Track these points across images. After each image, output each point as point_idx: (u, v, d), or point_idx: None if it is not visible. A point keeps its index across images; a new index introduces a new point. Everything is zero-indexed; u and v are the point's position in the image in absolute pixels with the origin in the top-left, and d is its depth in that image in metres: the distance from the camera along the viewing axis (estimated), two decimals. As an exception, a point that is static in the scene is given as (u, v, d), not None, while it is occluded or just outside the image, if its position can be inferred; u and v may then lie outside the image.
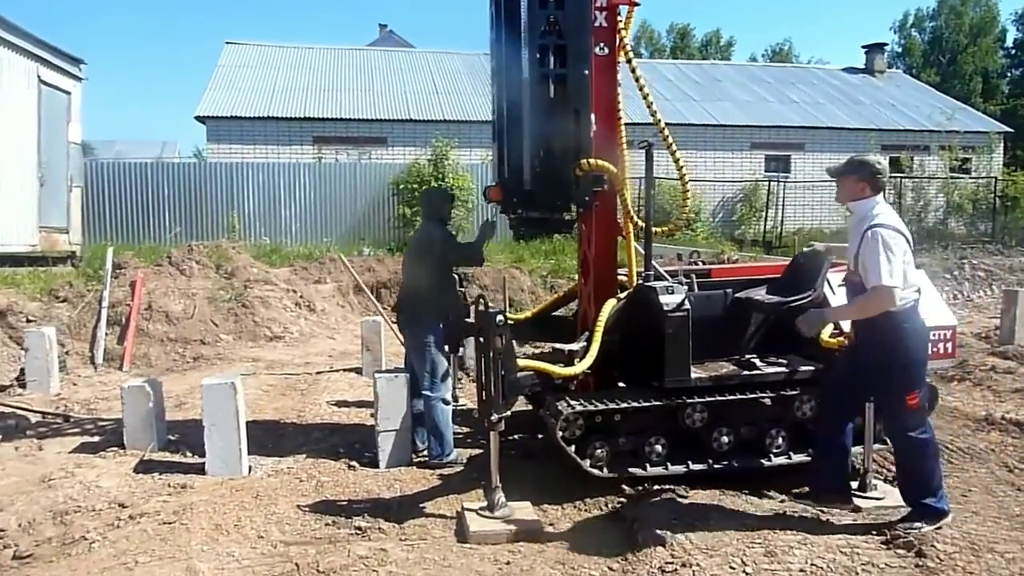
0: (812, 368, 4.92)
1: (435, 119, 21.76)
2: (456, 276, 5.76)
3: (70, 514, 4.60)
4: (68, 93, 13.25)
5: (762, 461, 4.95)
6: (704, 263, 6.95)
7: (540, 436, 5.78)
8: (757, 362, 5.04)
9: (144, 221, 17.69)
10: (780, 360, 5.06)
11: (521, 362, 4.61)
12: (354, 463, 5.35)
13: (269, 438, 6.03)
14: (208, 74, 23.86)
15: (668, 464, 4.83)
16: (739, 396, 4.85)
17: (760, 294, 5.28)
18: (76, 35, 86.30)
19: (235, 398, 5.15)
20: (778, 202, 22.82)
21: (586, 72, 5.01)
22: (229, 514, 4.49)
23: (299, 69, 24.57)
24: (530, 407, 5.88)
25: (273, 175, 18.16)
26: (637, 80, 5.28)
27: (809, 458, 4.91)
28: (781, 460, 4.96)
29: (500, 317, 4.30)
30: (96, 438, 6.10)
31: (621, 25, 5.26)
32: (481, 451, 5.47)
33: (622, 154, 5.33)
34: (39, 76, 12.20)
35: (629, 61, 5.27)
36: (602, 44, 5.21)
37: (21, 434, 6.33)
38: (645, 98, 5.28)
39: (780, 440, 4.97)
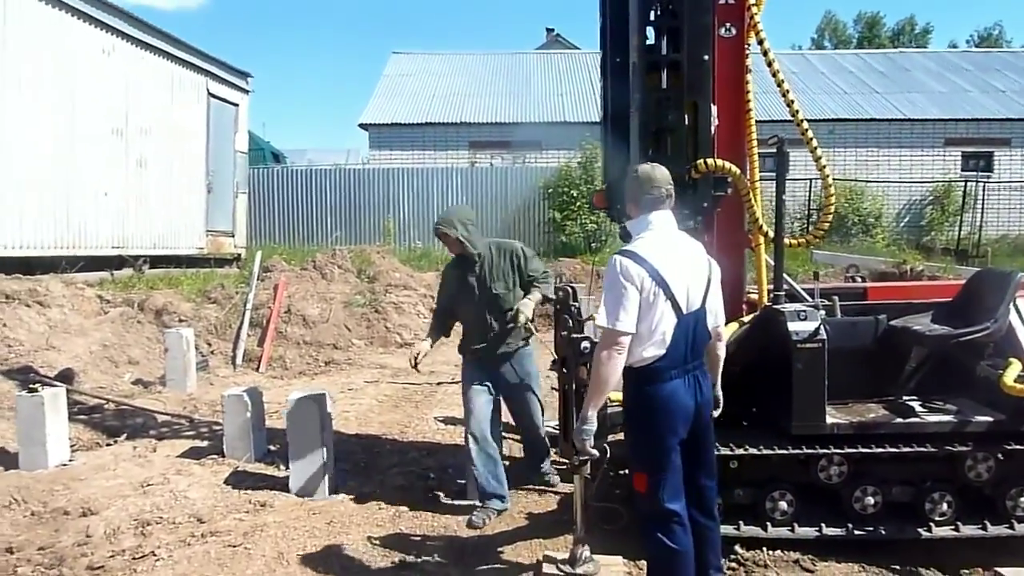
0: (990, 419, 3.90)
1: (590, 121, 21.21)
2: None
3: (151, 525, 4.53)
4: (236, 105, 14.05)
5: (920, 531, 3.99)
6: (863, 279, 5.93)
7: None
8: (917, 407, 4.09)
9: (308, 225, 18.57)
10: (948, 407, 4.07)
11: (614, 395, 3.98)
12: (440, 492, 4.94)
13: (365, 455, 5.78)
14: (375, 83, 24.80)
15: (794, 525, 4.00)
16: (891, 449, 3.93)
17: (923, 322, 4.29)
18: (264, 50, 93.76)
19: (322, 414, 4.91)
20: (976, 205, 20.15)
21: (706, 57, 4.29)
22: (296, 540, 4.22)
23: (459, 76, 24.94)
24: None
25: (427, 180, 18.45)
26: (770, 65, 4.47)
27: (982, 530, 3.91)
28: (945, 531, 3.97)
29: (586, 344, 3.70)
30: (204, 443, 6.13)
31: (752, 1, 4.48)
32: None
33: (751, 153, 4.55)
34: (208, 90, 12.98)
35: (761, 43, 4.48)
36: (728, 24, 4.46)
37: (144, 433, 6.51)
38: (780, 86, 4.46)
39: (944, 506, 3.98)
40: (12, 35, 8.64)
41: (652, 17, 4.34)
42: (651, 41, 4.53)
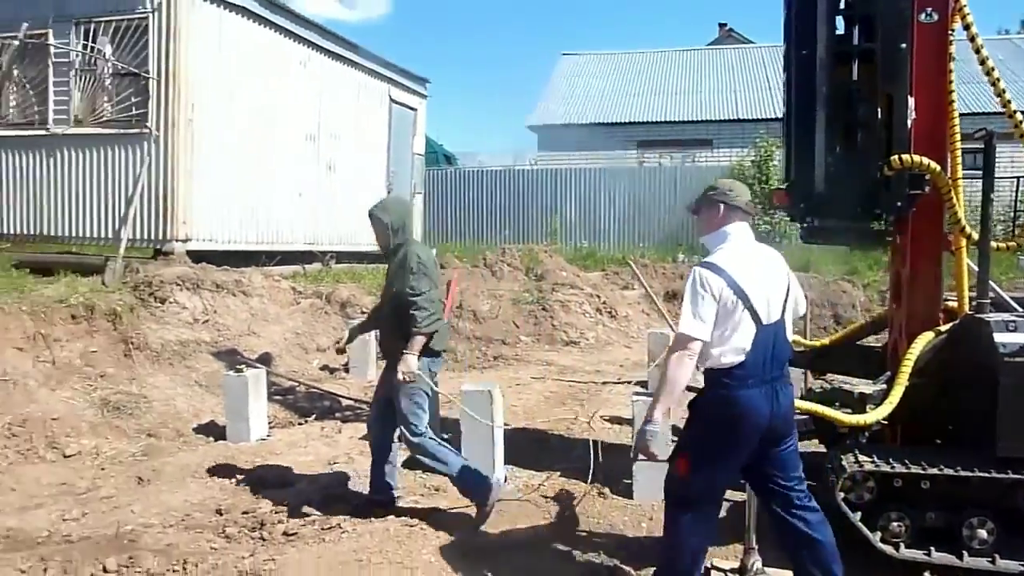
0: None
1: (764, 117, 20.36)
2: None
3: (337, 501, 4.89)
4: (414, 110, 14.80)
5: None
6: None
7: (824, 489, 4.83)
8: None
9: (478, 224, 19.19)
10: None
11: (796, 403, 3.82)
12: (606, 490, 4.96)
13: (532, 449, 5.90)
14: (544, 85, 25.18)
15: (996, 557, 3.65)
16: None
17: None
18: (438, 57, 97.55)
19: (492, 406, 5.09)
20: None
21: (903, 46, 4.01)
22: (465, 529, 4.39)
23: (628, 75, 24.77)
24: (818, 447, 4.95)
25: (593, 180, 18.49)
26: (978, 52, 4.11)
27: None
28: None
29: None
30: (383, 427, 6.51)
31: (959, -18, 4.14)
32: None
33: (953, 149, 4.20)
34: (390, 96, 13.76)
35: (968, 28, 4.12)
36: (929, 10, 4.14)
37: (331, 415, 7.04)
38: (989, 74, 4.09)
39: None
40: (226, 51, 9.61)
41: (843, 5, 4.13)
42: (840, 31, 4.32)
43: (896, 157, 3.93)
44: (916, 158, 3.93)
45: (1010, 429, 3.56)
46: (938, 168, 3.99)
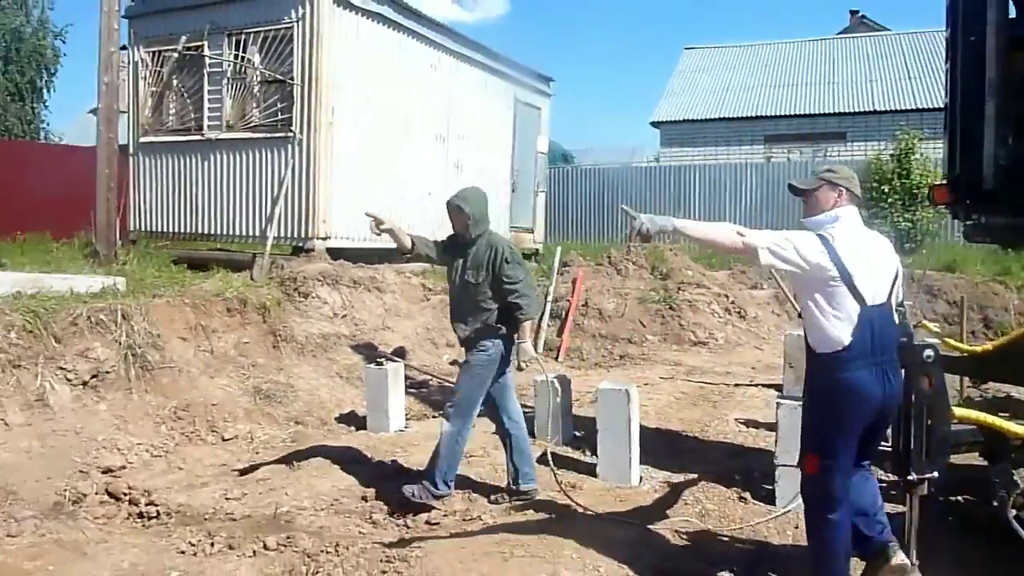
0: None
1: (903, 108, 19.21)
2: None
3: (477, 491, 5.02)
4: (538, 109, 14.90)
5: None
6: None
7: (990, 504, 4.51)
8: None
9: (601, 222, 19.09)
10: None
11: (958, 411, 3.60)
12: (747, 495, 4.84)
13: (667, 450, 5.83)
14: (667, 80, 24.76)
15: None
16: None
17: None
18: (554, 55, 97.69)
19: (628, 406, 5.08)
20: None
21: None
22: (606, 525, 4.40)
23: (754, 68, 23.97)
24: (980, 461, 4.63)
25: (719, 177, 18.01)
26: None
27: None
28: None
29: (929, 352, 3.38)
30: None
31: None
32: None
33: None
34: (515, 96, 13.92)
35: None
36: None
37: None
38: None
39: None
40: (363, 56, 10.01)
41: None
42: (1013, 15, 4.03)
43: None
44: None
45: None
46: None
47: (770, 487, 4.86)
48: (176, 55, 10.40)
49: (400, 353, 8.18)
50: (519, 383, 5.75)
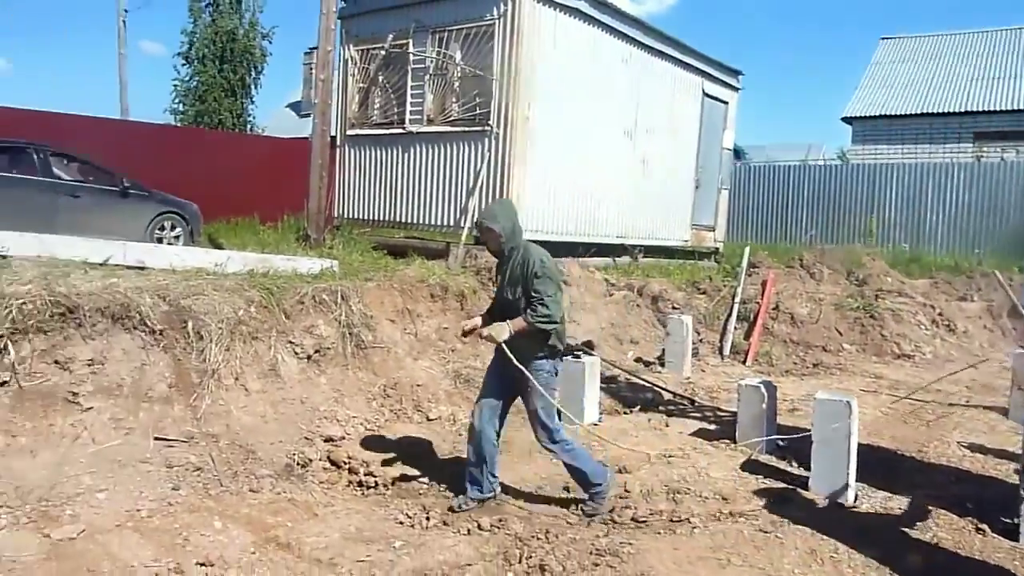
0: None
1: None
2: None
3: (681, 493, 4.95)
4: (725, 103, 14.44)
5: None
6: None
7: None
8: None
9: (782, 222, 18.27)
10: None
11: None
12: (984, 527, 4.43)
13: (882, 468, 5.46)
14: (859, 74, 23.22)
15: None
16: None
17: None
18: (736, 46, 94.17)
19: (849, 418, 4.81)
20: None
21: None
22: (827, 543, 4.19)
23: (961, 58, 21.90)
24: None
25: (920, 177, 16.66)
26: None
27: None
28: None
29: None
30: (712, 426, 6.47)
31: None
32: None
33: None
34: (703, 89, 13.56)
35: None
36: None
37: (654, 408, 7.15)
38: None
39: None
40: (559, 51, 10.13)
41: None
42: None
43: None
44: None
45: None
46: None
47: (1010, 520, 4.44)
48: (383, 53, 11.00)
49: (589, 347, 8.22)
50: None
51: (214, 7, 24.43)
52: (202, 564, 3.98)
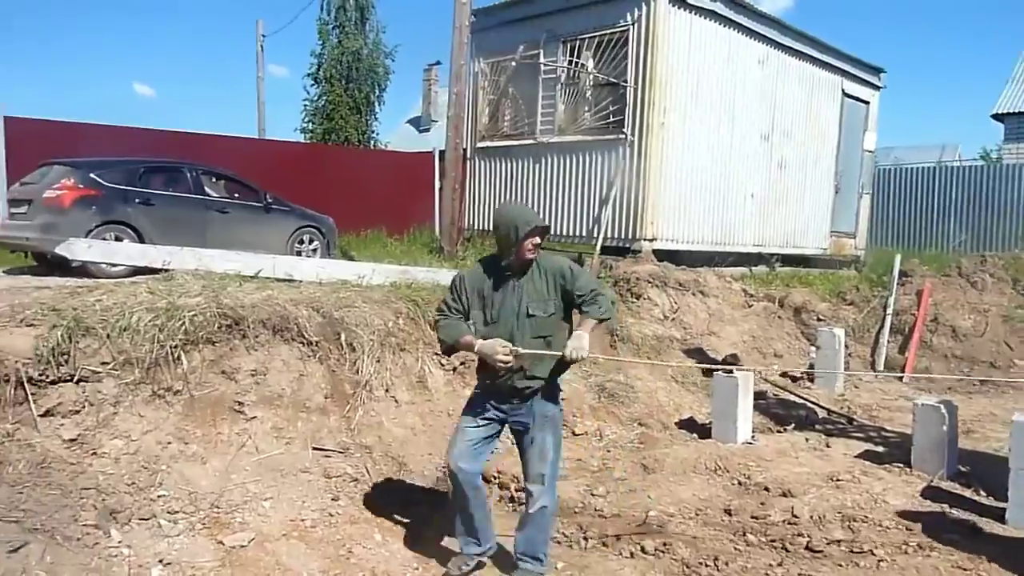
0: None
1: None
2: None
3: (857, 521, 4.58)
4: (867, 103, 13.64)
5: None
6: None
7: None
8: None
9: (925, 227, 17.06)
10: None
11: None
12: None
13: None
14: (1006, 69, 21.48)
15: None
16: None
17: None
18: (874, 42, 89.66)
19: (1056, 445, 4.31)
20: None
21: None
22: (1042, 584, 3.74)
23: None
24: None
25: (1088, 176, 15.14)
26: None
27: None
28: None
29: None
30: (879, 448, 6.01)
31: None
32: None
33: None
34: (843, 89, 12.86)
35: None
36: None
37: (810, 427, 6.73)
38: None
39: None
40: (695, 55, 9.84)
41: None
42: None
43: None
44: None
45: None
46: None
47: None
48: (512, 64, 11.02)
49: (733, 360, 7.86)
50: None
51: (340, 29, 25.42)
52: (366, 577, 4.00)
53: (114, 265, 8.14)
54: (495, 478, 5.39)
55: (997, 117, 19.56)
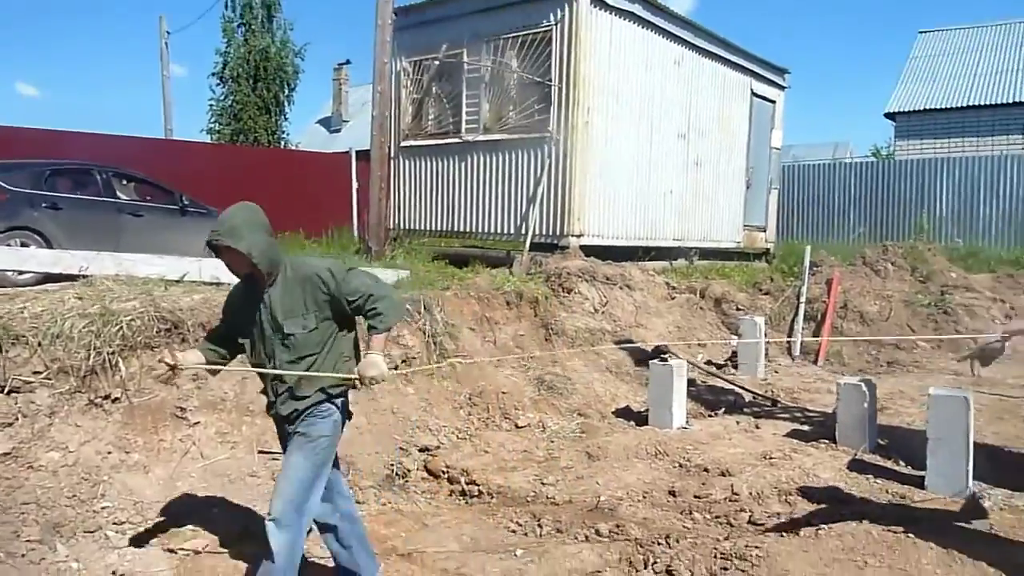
0: None
1: None
2: None
3: (793, 495, 4.84)
4: (773, 102, 14.31)
5: None
6: None
7: None
8: None
9: (827, 220, 18.04)
10: None
11: None
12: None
13: (993, 465, 5.32)
14: (895, 70, 22.94)
15: None
16: None
17: None
18: (778, 44, 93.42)
19: (967, 414, 4.69)
20: None
21: None
22: (960, 544, 4.07)
23: (1004, 49, 21.50)
24: None
25: (971, 171, 16.35)
26: None
27: None
28: None
29: None
30: (805, 427, 6.35)
31: None
32: None
33: None
34: (752, 89, 13.46)
35: None
36: None
37: (738, 410, 7.05)
38: None
39: None
40: (615, 55, 10.12)
41: None
42: None
43: None
44: None
45: None
46: None
47: None
48: (436, 63, 11.04)
49: (661, 350, 8.13)
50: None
51: (247, 27, 24.77)
52: (328, 576, 3.97)
53: (22, 273, 7.74)
54: (443, 473, 5.44)
55: (889, 116, 20.84)
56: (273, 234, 3.27)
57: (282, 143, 25.94)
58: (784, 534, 4.35)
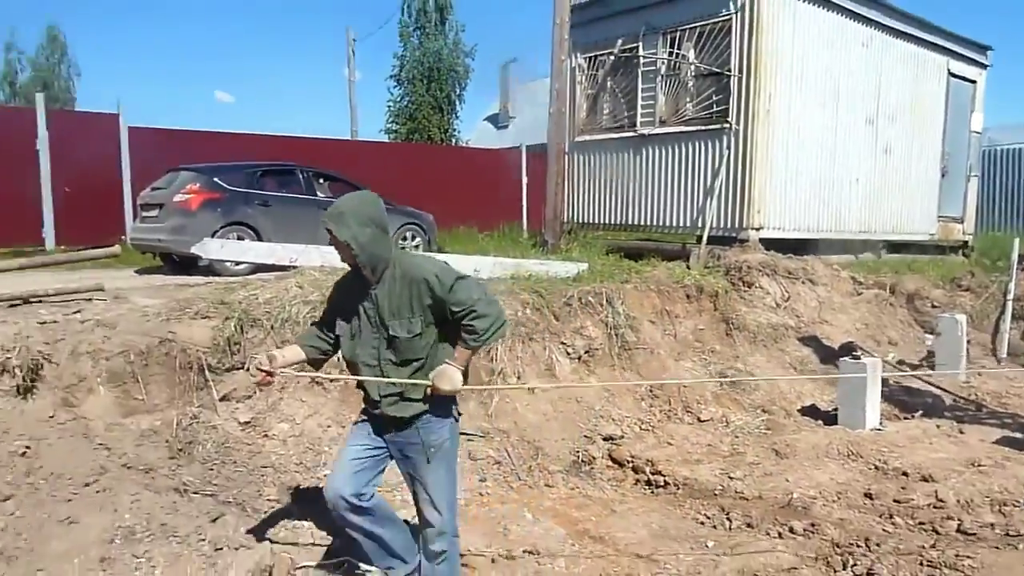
0: None
1: None
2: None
3: (1008, 505, 4.54)
4: (973, 82, 13.18)
5: None
6: None
7: None
8: None
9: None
10: None
11: None
12: None
13: None
14: None
15: None
16: None
17: None
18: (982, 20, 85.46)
19: None
20: None
21: None
22: None
23: None
24: None
25: None
26: None
27: None
28: None
29: None
30: (1017, 434, 5.90)
31: None
32: None
33: None
34: (948, 69, 12.45)
35: None
36: None
37: (938, 413, 6.64)
38: None
39: None
40: (798, 40, 9.73)
41: None
42: None
43: None
44: None
45: None
46: None
47: None
48: (611, 58, 11.12)
49: (850, 348, 7.79)
50: None
51: (421, 30, 25.92)
52: (529, 552, 4.21)
53: (238, 264, 8.62)
54: (628, 462, 5.55)
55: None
56: (386, 230, 3.15)
57: (453, 140, 26.95)
58: (999, 547, 4.11)
